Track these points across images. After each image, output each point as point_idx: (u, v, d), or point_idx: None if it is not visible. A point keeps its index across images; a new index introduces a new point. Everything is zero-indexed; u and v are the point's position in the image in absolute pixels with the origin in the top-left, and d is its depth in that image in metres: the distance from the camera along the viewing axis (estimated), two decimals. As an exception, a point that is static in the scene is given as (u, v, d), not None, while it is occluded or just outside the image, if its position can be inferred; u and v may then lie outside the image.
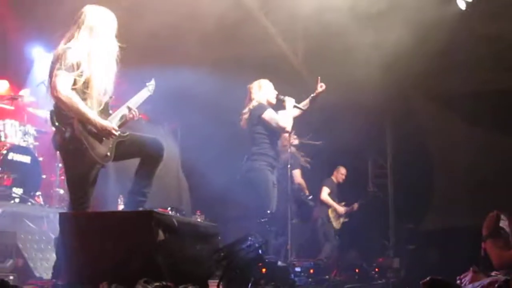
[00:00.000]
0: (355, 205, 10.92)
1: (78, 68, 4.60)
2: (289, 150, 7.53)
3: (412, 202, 12.42)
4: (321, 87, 7.15)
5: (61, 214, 4.53)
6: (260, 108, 6.81)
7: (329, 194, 10.76)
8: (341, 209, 10.73)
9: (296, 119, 7.12)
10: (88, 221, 4.34)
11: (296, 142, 8.76)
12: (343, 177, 11.05)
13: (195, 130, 10.76)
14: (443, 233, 11.53)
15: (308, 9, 8.72)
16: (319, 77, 7.21)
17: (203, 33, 8.74)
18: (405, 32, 8.72)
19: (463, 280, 4.23)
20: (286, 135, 7.39)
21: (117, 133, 4.83)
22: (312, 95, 7.20)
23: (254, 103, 6.90)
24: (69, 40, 4.76)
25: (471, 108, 11.52)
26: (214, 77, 9.76)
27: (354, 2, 8.43)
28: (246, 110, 6.97)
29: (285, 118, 6.78)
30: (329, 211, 10.65)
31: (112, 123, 4.83)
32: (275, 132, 6.84)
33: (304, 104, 7.24)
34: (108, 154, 4.81)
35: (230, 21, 8.53)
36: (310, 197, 9.02)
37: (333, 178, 11.03)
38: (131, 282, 3.82)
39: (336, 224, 10.69)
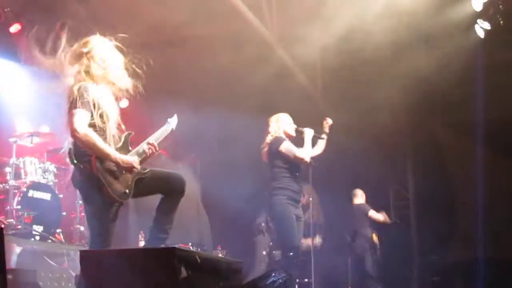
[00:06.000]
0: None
1: (94, 105, 4.55)
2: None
3: (436, 233, 12.23)
4: (326, 123, 7.36)
5: (81, 252, 4.48)
6: (277, 141, 6.79)
7: None
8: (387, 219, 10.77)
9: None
10: (110, 258, 4.25)
11: None
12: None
13: (214, 165, 10.73)
14: (467, 264, 11.35)
15: (326, 39, 8.74)
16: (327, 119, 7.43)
17: (221, 68, 8.76)
18: (425, 61, 8.71)
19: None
20: None
21: (138, 167, 4.75)
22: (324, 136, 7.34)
23: (270, 137, 6.91)
24: (80, 74, 4.69)
25: (493, 136, 11.36)
26: (234, 112, 9.77)
27: (375, 32, 8.42)
28: (264, 144, 6.96)
29: (304, 149, 6.74)
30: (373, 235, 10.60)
31: (132, 159, 4.78)
32: (294, 165, 6.76)
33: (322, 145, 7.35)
34: (127, 191, 4.71)
35: (248, 55, 8.54)
36: None
37: (363, 201, 10.93)
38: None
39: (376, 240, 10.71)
